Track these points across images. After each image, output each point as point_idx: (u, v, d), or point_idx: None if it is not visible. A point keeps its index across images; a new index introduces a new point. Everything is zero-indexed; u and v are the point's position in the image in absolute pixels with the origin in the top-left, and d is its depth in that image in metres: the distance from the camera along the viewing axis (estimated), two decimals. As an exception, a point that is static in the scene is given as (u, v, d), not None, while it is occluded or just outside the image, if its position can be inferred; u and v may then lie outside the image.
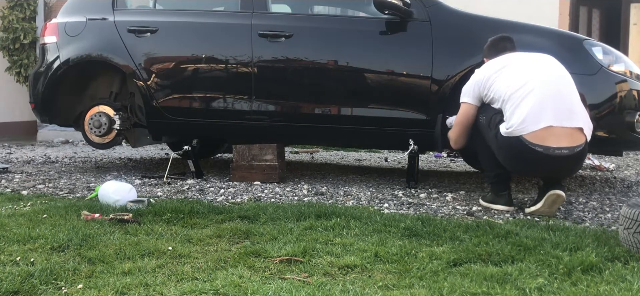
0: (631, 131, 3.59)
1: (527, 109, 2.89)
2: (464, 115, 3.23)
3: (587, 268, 2.08)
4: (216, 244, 2.44)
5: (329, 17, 4.74)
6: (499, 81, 3.04)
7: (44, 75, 4.43)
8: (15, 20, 8.37)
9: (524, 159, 2.94)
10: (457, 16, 3.87)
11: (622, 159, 5.92)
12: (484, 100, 3.14)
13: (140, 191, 3.63)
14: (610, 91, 3.56)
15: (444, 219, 2.87)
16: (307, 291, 1.88)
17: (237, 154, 4.09)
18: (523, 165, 3.05)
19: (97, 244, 2.37)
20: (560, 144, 2.85)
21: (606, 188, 4.11)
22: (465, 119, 3.23)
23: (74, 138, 7.90)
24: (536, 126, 2.86)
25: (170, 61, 4.24)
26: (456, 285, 1.92)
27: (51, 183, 4.07)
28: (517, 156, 2.96)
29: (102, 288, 1.91)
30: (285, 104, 4.11)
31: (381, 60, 3.93)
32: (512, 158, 3.01)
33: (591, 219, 3.05)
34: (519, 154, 2.93)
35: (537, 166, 2.97)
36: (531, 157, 2.88)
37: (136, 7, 4.63)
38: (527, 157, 2.90)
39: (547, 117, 2.87)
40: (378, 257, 2.24)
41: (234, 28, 4.16)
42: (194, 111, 4.19)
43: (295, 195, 3.60)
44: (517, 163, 3.04)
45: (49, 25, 4.58)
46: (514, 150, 2.94)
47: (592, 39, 3.87)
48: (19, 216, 2.85)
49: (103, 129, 4.30)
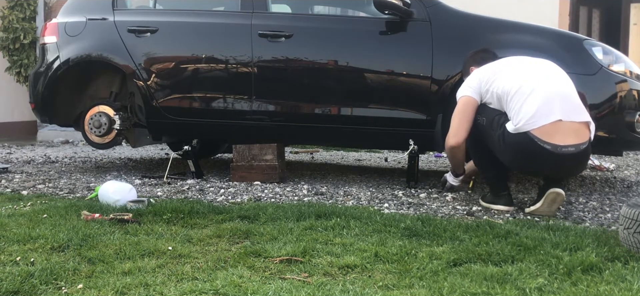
0: (631, 131, 3.59)
1: (536, 104, 2.85)
2: (464, 105, 3.12)
3: (587, 268, 2.08)
4: (216, 244, 2.44)
5: (329, 17, 4.75)
6: (501, 79, 3.02)
7: (44, 75, 4.43)
8: (15, 20, 8.38)
9: (531, 157, 2.91)
10: (457, 16, 3.87)
11: (622, 159, 5.92)
12: (483, 97, 3.12)
13: (140, 191, 3.63)
14: (610, 91, 3.56)
15: (444, 219, 2.87)
16: (307, 291, 1.88)
17: (237, 154, 4.09)
18: (530, 163, 3.00)
19: (97, 244, 2.37)
20: (567, 142, 2.83)
21: (606, 188, 4.11)
22: (465, 109, 3.11)
23: (74, 138, 7.90)
24: (546, 120, 2.83)
25: (170, 61, 4.24)
26: (456, 285, 1.92)
27: (51, 183, 4.07)
28: (524, 154, 2.92)
29: (102, 288, 1.91)
30: (285, 104, 4.11)
31: (381, 60, 3.93)
32: (519, 156, 2.96)
33: (591, 219, 3.05)
34: (527, 152, 2.89)
35: (544, 164, 2.94)
36: (539, 155, 2.86)
37: (136, 7, 4.63)
38: (535, 155, 2.87)
39: (556, 111, 2.85)
40: (378, 257, 2.24)
41: (234, 28, 4.16)
42: (194, 111, 4.19)
43: (295, 195, 3.60)
44: (524, 162, 3.01)
45: (49, 25, 4.58)
46: (522, 148, 2.89)
47: (592, 39, 3.87)
48: (19, 216, 2.85)
49: (103, 129, 4.30)
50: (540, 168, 3.03)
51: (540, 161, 2.91)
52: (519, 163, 3.04)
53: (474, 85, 3.13)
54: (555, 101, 2.88)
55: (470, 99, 3.12)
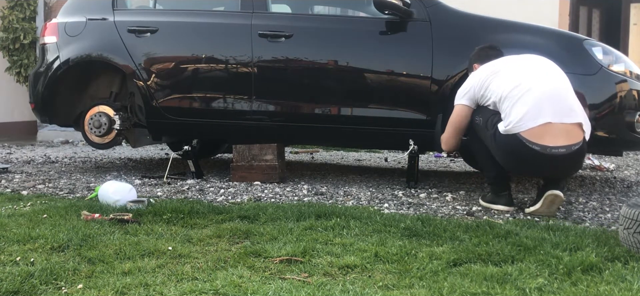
0: (631, 131, 3.59)
1: (526, 106, 2.89)
2: (457, 116, 3.24)
3: (587, 268, 2.08)
4: (216, 244, 2.44)
5: (329, 17, 4.75)
6: (496, 81, 3.05)
7: (44, 75, 4.43)
8: (15, 20, 8.37)
9: (521, 158, 2.94)
10: (457, 16, 3.87)
11: (622, 159, 5.92)
12: (480, 102, 3.15)
13: (140, 191, 3.63)
14: (610, 91, 3.56)
15: (444, 219, 2.87)
16: (307, 291, 1.88)
17: (237, 154, 4.09)
18: (520, 164, 3.04)
19: (97, 244, 2.37)
20: (557, 143, 2.85)
21: (606, 188, 4.11)
22: (458, 120, 3.24)
23: (74, 138, 7.89)
24: (534, 123, 2.86)
25: (170, 61, 4.24)
26: (456, 285, 1.92)
27: (51, 183, 4.07)
28: (514, 155, 2.96)
29: (102, 288, 1.92)
30: (285, 104, 4.11)
31: (381, 60, 3.93)
32: (510, 156, 3.01)
33: (591, 219, 3.06)
34: (516, 153, 2.93)
35: (535, 165, 2.97)
36: (528, 156, 2.89)
37: (136, 7, 4.63)
38: (524, 156, 2.90)
39: (545, 113, 2.87)
40: (378, 257, 2.24)
41: (234, 28, 4.16)
42: (194, 111, 4.19)
43: (295, 195, 3.60)
44: (515, 162, 3.04)
45: (49, 25, 4.58)
46: (512, 149, 2.94)
47: (592, 39, 3.87)
48: (19, 216, 2.85)
49: (103, 129, 4.30)
50: (531, 168, 3.06)
51: (530, 162, 2.94)
52: (512, 163, 3.08)
53: (468, 91, 3.18)
54: (546, 103, 2.89)
55: (464, 109, 3.21)
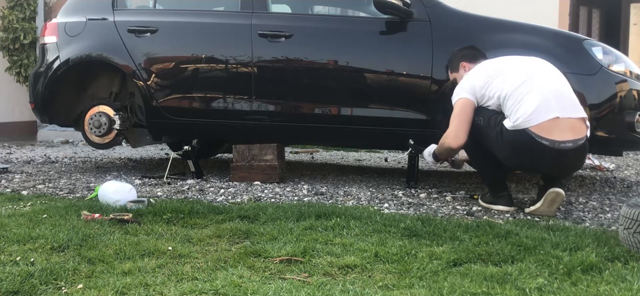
0: (631, 131, 3.59)
1: (534, 103, 2.87)
2: (462, 108, 3.09)
3: (587, 268, 2.08)
4: (216, 244, 2.44)
5: (329, 17, 4.75)
6: (498, 80, 3.03)
7: (44, 75, 4.43)
8: (15, 20, 8.37)
9: (530, 154, 2.91)
10: (457, 16, 3.87)
11: (622, 159, 5.92)
12: (479, 101, 3.12)
13: (140, 191, 3.63)
14: (610, 91, 3.56)
15: (444, 219, 2.87)
16: (307, 291, 1.88)
17: (237, 154, 4.09)
18: (528, 160, 3.00)
19: (97, 244, 2.37)
20: (564, 138, 2.84)
21: (606, 188, 4.11)
22: (464, 111, 3.08)
23: (74, 138, 7.89)
24: (544, 117, 2.84)
25: (170, 61, 4.24)
26: (456, 285, 1.92)
27: (51, 183, 4.07)
28: (522, 150, 2.92)
29: (102, 288, 1.91)
30: (285, 104, 4.11)
31: (381, 60, 3.93)
32: (516, 152, 2.96)
33: (591, 219, 3.06)
34: (525, 148, 2.89)
35: (543, 160, 2.93)
36: (537, 151, 2.86)
37: (136, 7, 4.64)
38: (533, 151, 2.88)
39: (553, 109, 2.86)
40: (378, 257, 2.24)
41: (234, 28, 4.16)
42: (194, 111, 4.19)
43: (295, 195, 3.60)
44: (522, 158, 3.00)
45: (49, 25, 4.58)
46: (520, 144, 2.90)
47: (592, 39, 3.87)
48: (19, 216, 2.85)
49: (103, 129, 4.30)
50: (538, 164, 3.02)
51: (538, 157, 2.91)
52: (518, 159, 3.04)
53: (470, 88, 3.12)
54: (552, 99, 2.89)
55: (468, 101, 3.10)
